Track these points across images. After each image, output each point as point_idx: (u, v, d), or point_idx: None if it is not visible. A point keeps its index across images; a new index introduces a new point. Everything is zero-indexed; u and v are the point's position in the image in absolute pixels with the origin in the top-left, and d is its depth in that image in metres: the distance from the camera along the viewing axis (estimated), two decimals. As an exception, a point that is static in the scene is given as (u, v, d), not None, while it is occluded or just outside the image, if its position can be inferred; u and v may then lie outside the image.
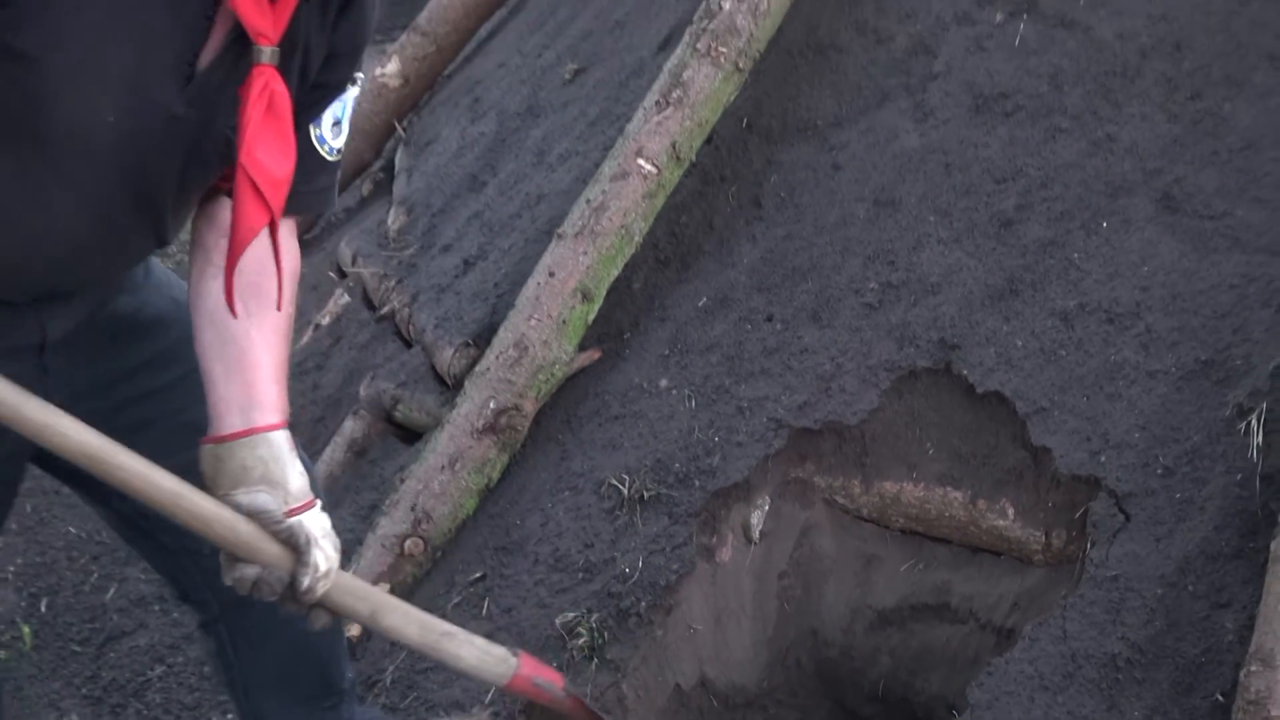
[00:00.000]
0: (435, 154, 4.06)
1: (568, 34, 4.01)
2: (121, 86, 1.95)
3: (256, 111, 2.01)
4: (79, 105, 1.93)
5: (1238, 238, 2.87)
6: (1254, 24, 3.04)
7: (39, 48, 1.85)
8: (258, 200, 2.05)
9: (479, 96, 4.14)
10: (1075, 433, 2.81)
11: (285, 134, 2.07)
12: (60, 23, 1.86)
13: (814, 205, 3.23)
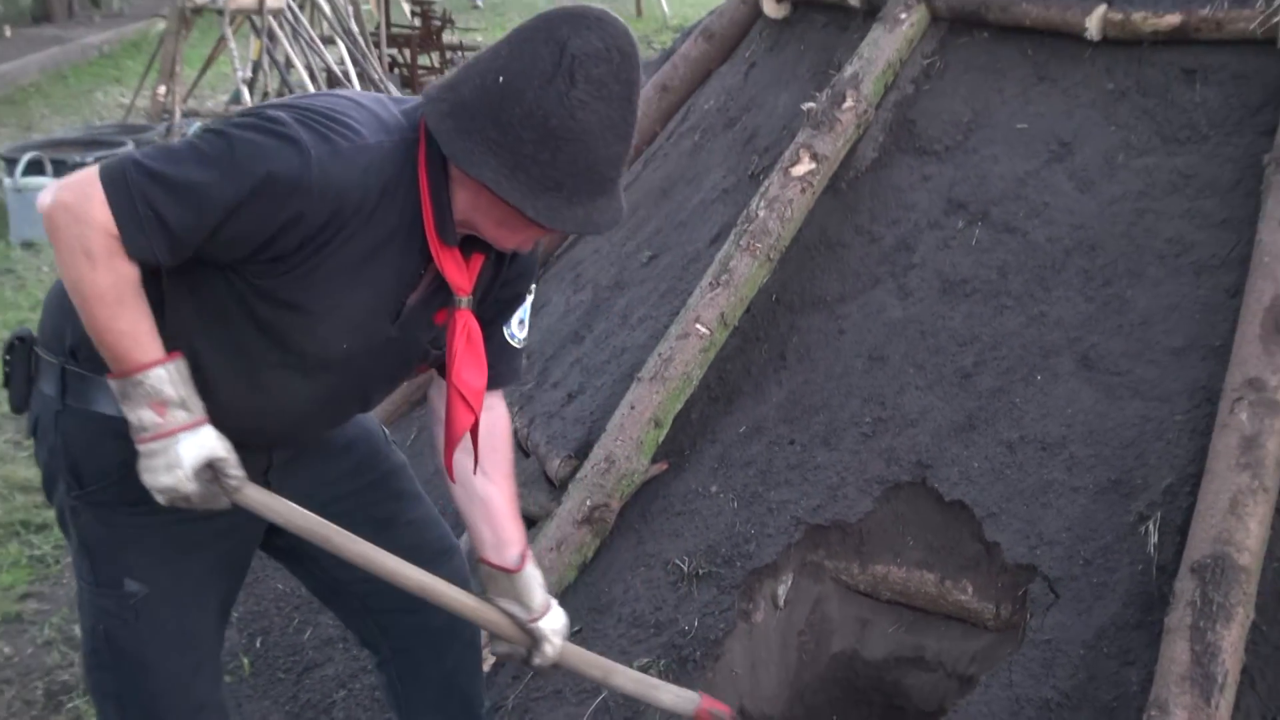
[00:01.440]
0: (547, 314, 4.09)
1: (645, 230, 4.04)
2: (356, 324, 2.07)
3: (460, 344, 2.11)
4: (328, 337, 2.06)
5: (1138, 390, 2.86)
6: (1148, 231, 3.04)
7: (307, 301, 2.00)
8: (465, 408, 2.16)
9: (580, 273, 4.17)
10: (1018, 532, 2.80)
11: (480, 357, 2.16)
12: (323, 285, 1.98)
13: (824, 360, 3.25)
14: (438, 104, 1.95)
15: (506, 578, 2.33)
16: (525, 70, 1.87)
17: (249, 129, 1.89)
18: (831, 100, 3.45)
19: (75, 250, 1.88)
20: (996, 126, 3.34)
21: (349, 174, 1.91)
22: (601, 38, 1.88)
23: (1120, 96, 3.21)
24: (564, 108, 1.86)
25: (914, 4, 3.50)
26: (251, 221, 1.89)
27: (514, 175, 1.88)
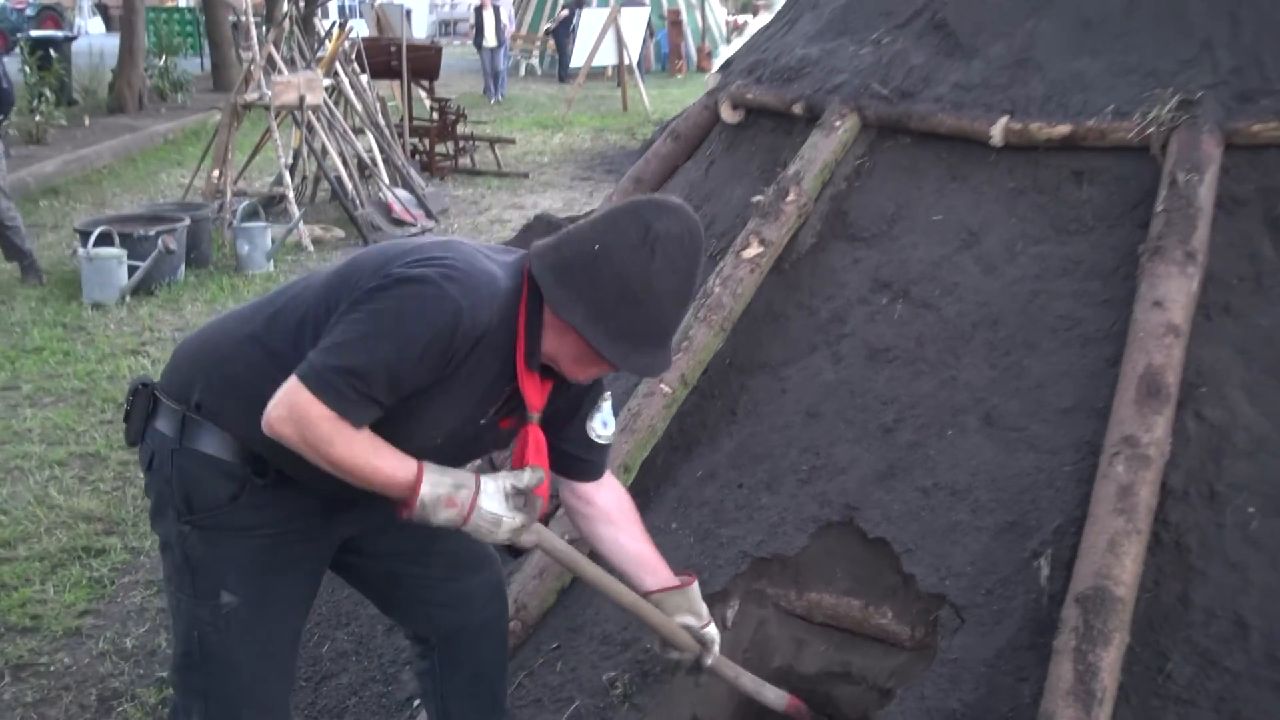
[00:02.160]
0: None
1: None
2: (452, 424, 2.19)
3: (530, 452, 2.22)
4: (429, 432, 2.20)
5: (1032, 444, 2.86)
6: (1042, 309, 3.05)
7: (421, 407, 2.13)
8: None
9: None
10: (930, 565, 2.80)
11: (544, 456, 2.24)
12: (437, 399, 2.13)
13: (769, 415, 3.25)
14: (543, 259, 2.09)
15: (679, 595, 2.46)
16: (617, 242, 2.03)
17: (408, 298, 2.02)
18: (777, 194, 3.47)
19: (315, 445, 2.01)
20: (916, 218, 3.35)
21: (485, 314, 2.05)
22: (679, 224, 2.07)
23: (1020, 194, 3.23)
24: (644, 275, 2.01)
25: (847, 113, 3.53)
26: (426, 367, 2.03)
27: (597, 323, 2.03)
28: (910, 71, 3.48)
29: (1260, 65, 3.02)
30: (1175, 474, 2.66)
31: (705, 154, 4.20)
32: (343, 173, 9.87)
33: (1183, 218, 2.86)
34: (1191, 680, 2.47)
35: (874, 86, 3.51)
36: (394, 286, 2.04)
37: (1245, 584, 2.53)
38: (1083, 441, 2.80)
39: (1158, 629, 2.53)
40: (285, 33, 10.72)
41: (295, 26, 11.18)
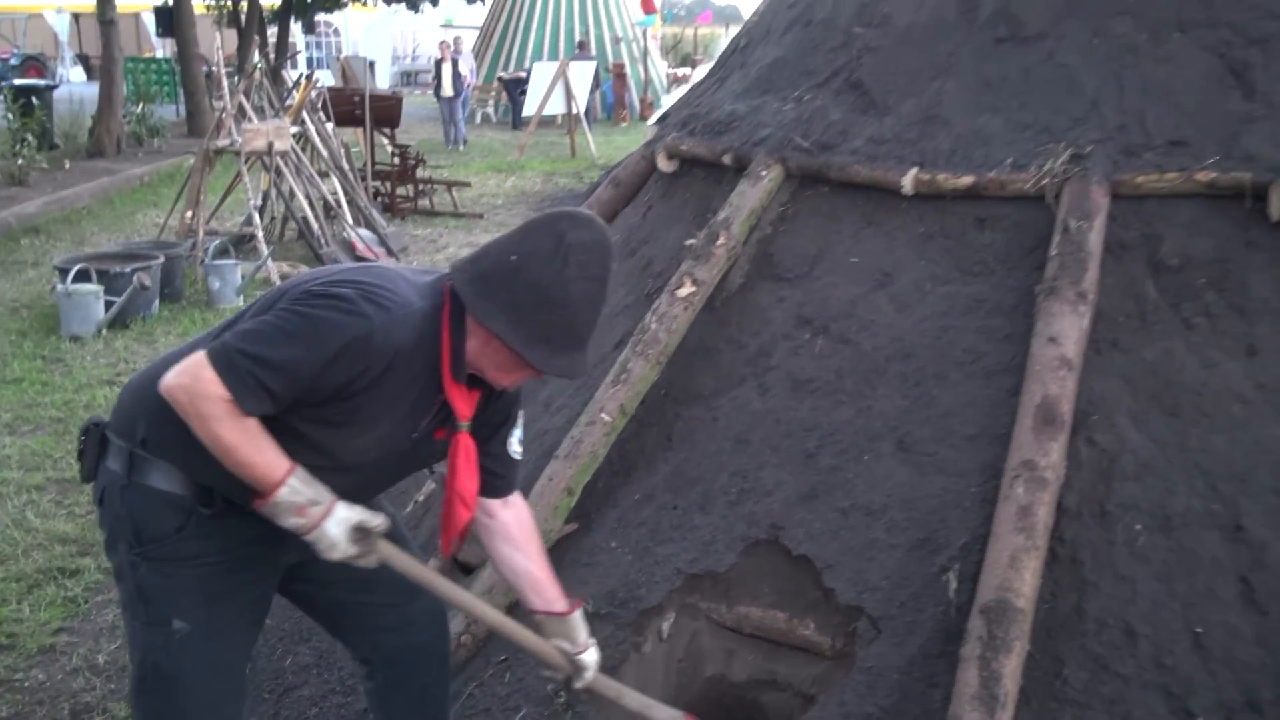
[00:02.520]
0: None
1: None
2: (383, 442, 2.16)
3: (460, 460, 2.22)
4: (360, 451, 2.17)
5: (941, 468, 2.87)
6: (950, 343, 3.07)
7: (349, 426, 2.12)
8: (463, 507, 2.27)
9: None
10: (849, 580, 2.80)
11: (475, 469, 2.26)
12: (363, 415, 2.10)
13: (701, 442, 3.24)
14: (464, 273, 2.09)
15: (559, 620, 2.42)
16: (533, 252, 2.04)
17: (325, 309, 2.01)
18: (708, 238, 3.49)
19: (205, 419, 1.99)
20: (835, 260, 3.37)
21: (399, 333, 2.04)
22: (590, 234, 2.08)
23: (929, 238, 3.25)
24: (560, 282, 2.02)
25: (772, 164, 3.56)
26: (331, 379, 2.01)
27: (517, 329, 2.03)
28: (829, 126, 3.51)
29: (1142, 122, 3.06)
30: (1070, 495, 2.68)
31: (643, 200, 4.22)
32: (309, 214, 9.79)
33: (1074, 261, 2.89)
34: (1086, 685, 2.49)
35: (796, 140, 3.54)
36: (313, 299, 2.03)
37: (1133, 595, 2.56)
38: (986, 465, 2.81)
39: (1055, 637, 2.54)
40: (255, 83, 10.64)
41: (265, 77, 11.10)
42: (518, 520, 2.47)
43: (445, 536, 2.32)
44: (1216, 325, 2.83)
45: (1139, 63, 3.14)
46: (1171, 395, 2.77)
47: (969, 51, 3.39)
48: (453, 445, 2.21)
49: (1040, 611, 2.55)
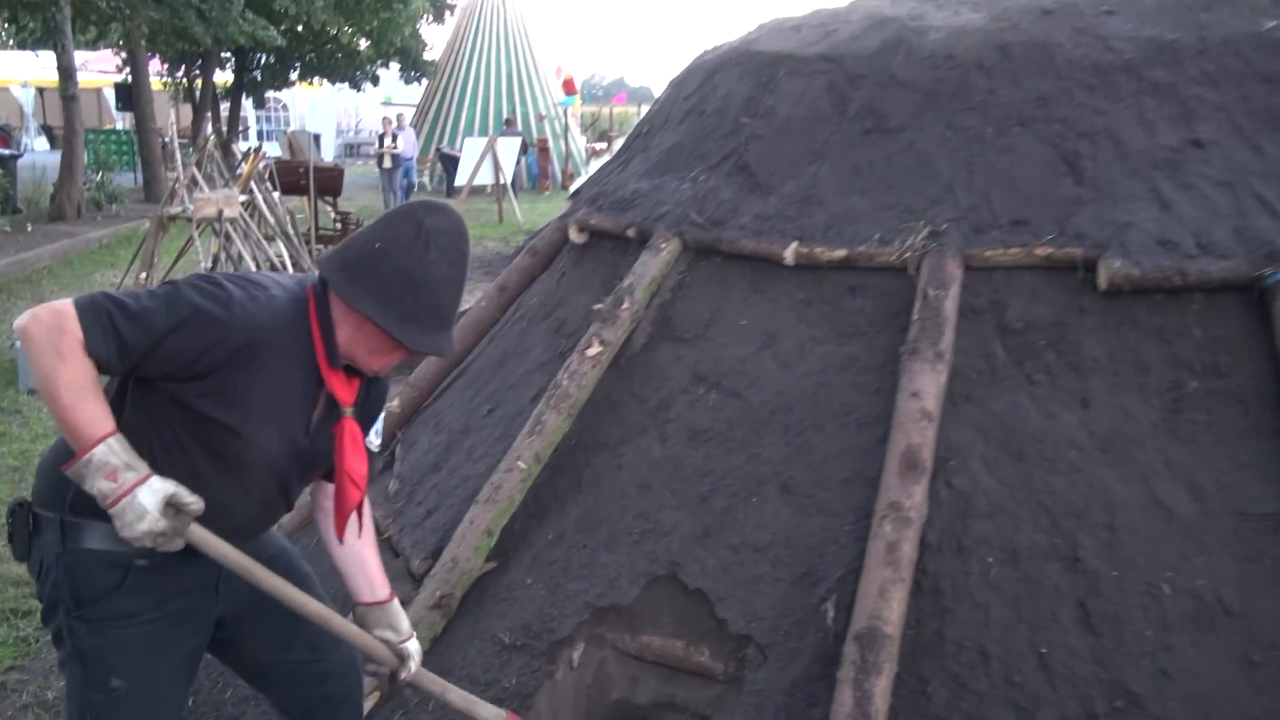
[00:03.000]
0: (416, 450, 4.02)
1: (486, 390, 4.01)
2: (278, 437, 2.08)
3: (348, 442, 2.17)
4: (260, 449, 2.08)
5: (820, 509, 2.90)
6: (827, 397, 3.10)
7: (238, 423, 2.02)
8: (354, 487, 2.21)
9: (439, 421, 4.11)
10: (739, 611, 2.81)
11: (362, 450, 2.21)
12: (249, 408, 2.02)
13: (608, 487, 3.23)
14: (330, 263, 2.08)
15: (380, 609, 2.35)
16: (395, 238, 2.03)
17: (189, 284, 1.99)
18: (614, 302, 3.51)
19: (49, 350, 1.87)
20: (726, 323, 3.39)
21: (259, 315, 2.00)
22: (447, 220, 2.07)
23: (808, 304, 3.29)
24: (421, 264, 2.03)
25: (670, 237, 3.59)
26: (182, 341, 1.93)
27: (386, 310, 2.00)
28: (720, 204, 3.55)
29: (990, 204, 3.14)
30: (931, 532, 2.72)
31: (558, 268, 4.22)
32: (256, 275, 9.64)
33: (933, 325, 2.95)
34: (947, 702, 2.53)
35: (692, 216, 3.58)
36: (184, 284, 2.00)
37: (987, 620, 2.61)
38: (859, 506, 2.83)
39: (919, 660, 2.58)
40: (207, 155, 10.49)
41: (216, 150, 10.95)
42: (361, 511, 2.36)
43: (339, 520, 2.27)
44: (1055, 381, 2.91)
45: (986, 152, 3.23)
46: (1017, 443, 2.83)
47: (841, 140, 3.45)
48: (338, 430, 2.16)
49: (906, 637, 2.58)
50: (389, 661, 2.34)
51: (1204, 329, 2.88)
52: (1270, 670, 2.46)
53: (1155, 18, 3.38)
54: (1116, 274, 2.89)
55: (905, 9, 3.79)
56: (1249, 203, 2.96)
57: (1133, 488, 2.72)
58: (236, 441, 2.05)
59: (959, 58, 3.40)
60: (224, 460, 2.06)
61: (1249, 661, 2.47)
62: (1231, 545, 2.62)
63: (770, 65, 3.77)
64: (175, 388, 2.00)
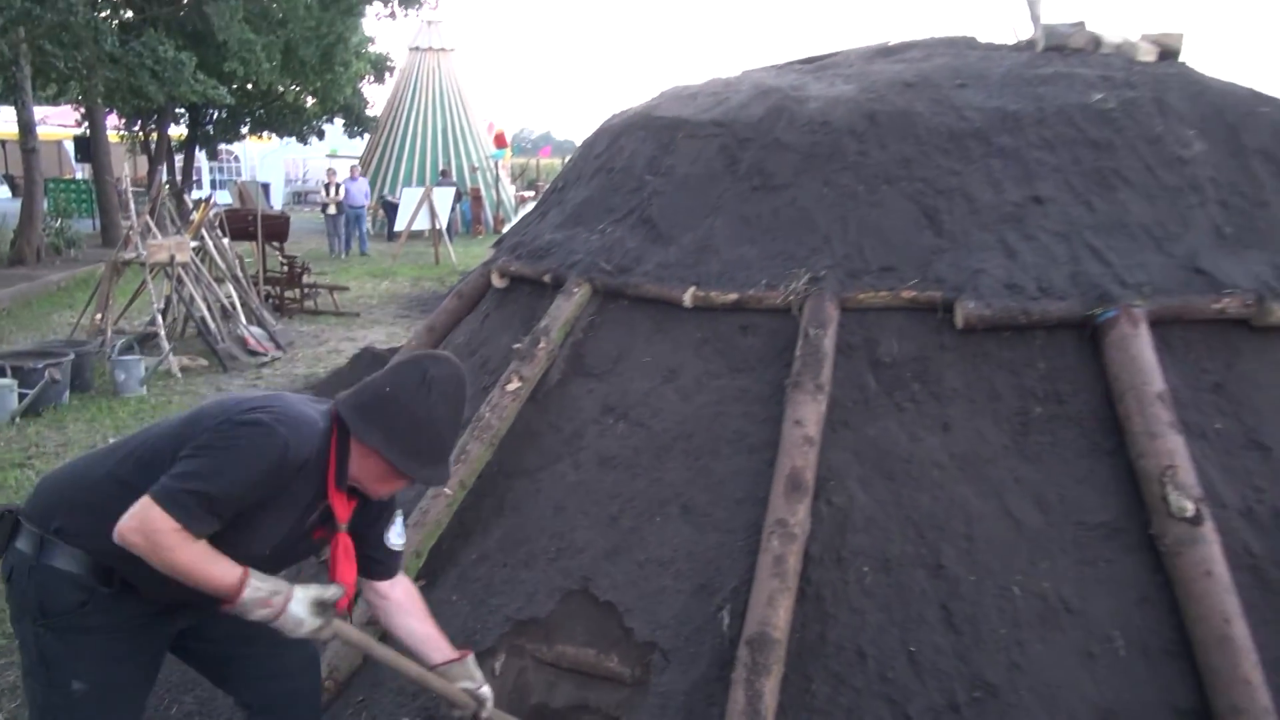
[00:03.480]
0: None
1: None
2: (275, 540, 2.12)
3: (341, 555, 2.23)
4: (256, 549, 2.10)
5: (717, 526, 2.91)
6: (722, 426, 3.11)
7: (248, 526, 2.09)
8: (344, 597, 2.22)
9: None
10: (645, 621, 2.80)
11: (353, 563, 2.26)
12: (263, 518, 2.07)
13: (527, 509, 3.21)
14: (347, 403, 2.15)
15: (459, 665, 2.40)
16: (402, 384, 2.12)
17: (245, 437, 2.00)
18: (532, 342, 3.50)
19: (159, 551, 1.95)
20: (632, 359, 3.41)
21: (306, 448, 2.06)
22: (449, 369, 2.15)
23: (704, 342, 3.31)
24: (425, 407, 2.10)
25: (582, 283, 3.60)
26: (259, 492, 2.01)
27: (393, 446, 2.08)
28: (626, 253, 3.58)
29: (862, 252, 3.21)
30: (814, 545, 2.75)
31: (482, 310, 4.21)
32: (206, 315, 9.42)
33: (814, 360, 3.00)
34: (829, 698, 2.55)
35: (601, 263, 3.60)
36: (234, 429, 2.02)
37: (863, 624, 2.64)
38: (751, 523, 2.85)
39: (804, 660, 2.60)
40: (160, 203, 10.24)
41: (169, 199, 10.70)
42: (407, 594, 2.47)
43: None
44: (920, 408, 2.98)
45: (858, 207, 3.30)
46: (888, 463, 2.89)
47: (732, 197, 3.50)
48: (333, 543, 2.21)
49: (793, 640, 2.61)
50: (469, 706, 2.41)
51: (1046, 361, 2.98)
52: (1105, 660, 2.54)
53: (1000, 90, 3.51)
54: (971, 314, 2.98)
55: (787, 80, 3.88)
56: (1082, 251, 3.08)
57: (987, 502, 2.80)
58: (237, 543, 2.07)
59: (834, 124, 3.48)
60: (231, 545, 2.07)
61: (1088, 653, 2.55)
62: (1072, 551, 2.70)
63: (670, 129, 3.82)
64: None
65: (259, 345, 9.63)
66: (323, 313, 12.30)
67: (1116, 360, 2.86)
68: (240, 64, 16.35)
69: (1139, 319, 2.90)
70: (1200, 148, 3.30)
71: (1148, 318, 2.91)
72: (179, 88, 14.51)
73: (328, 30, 18.06)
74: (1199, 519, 2.59)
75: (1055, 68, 3.64)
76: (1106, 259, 3.05)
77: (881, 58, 4.13)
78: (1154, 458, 2.70)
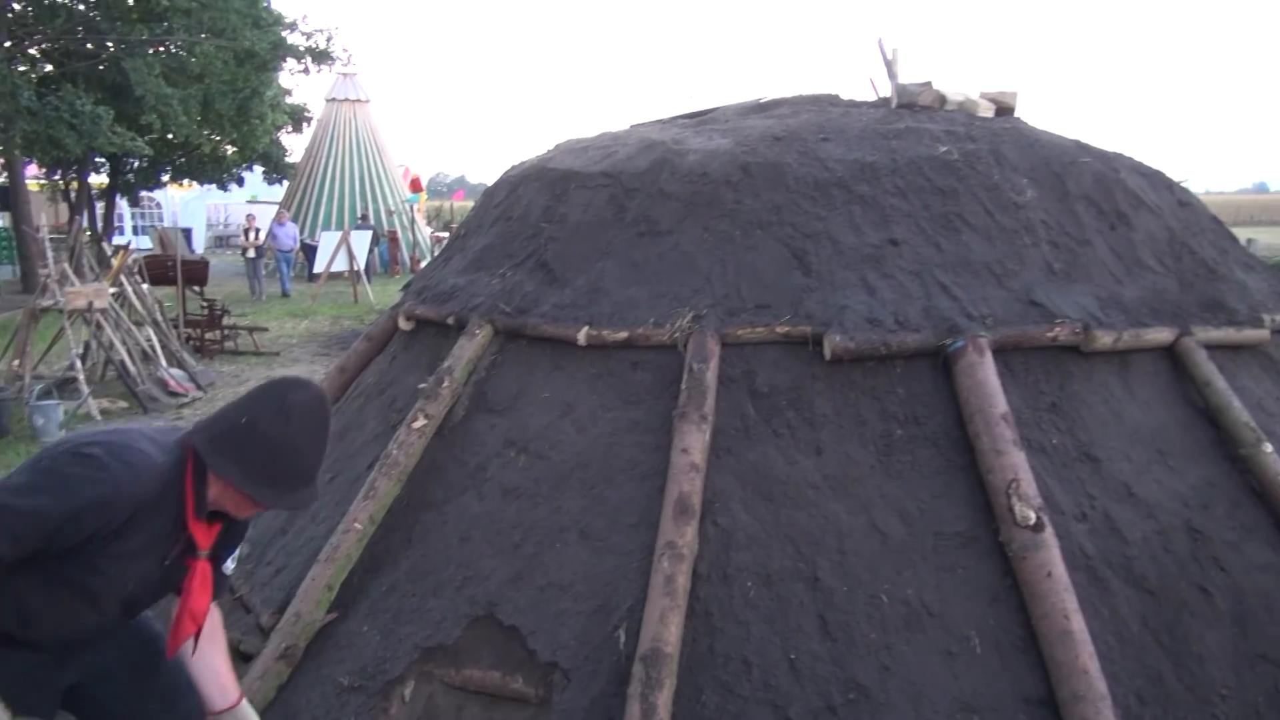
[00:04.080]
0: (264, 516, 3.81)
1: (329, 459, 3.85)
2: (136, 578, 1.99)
3: (197, 583, 2.09)
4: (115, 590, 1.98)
5: (613, 549, 2.89)
6: (616, 455, 3.09)
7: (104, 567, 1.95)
8: (191, 623, 2.12)
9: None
10: (547, 642, 2.77)
11: (209, 591, 2.16)
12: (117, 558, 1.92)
13: (434, 541, 3.15)
14: (202, 433, 2.02)
15: (230, 715, 2.28)
16: (260, 413, 1.98)
17: (74, 465, 1.86)
18: (436, 381, 3.45)
19: None
20: (532, 395, 3.38)
21: (141, 487, 1.90)
22: (308, 394, 2.02)
23: (598, 377, 3.31)
24: (285, 435, 1.96)
25: (483, 324, 3.56)
26: (74, 530, 1.84)
27: (249, 478, 1.96)
28: (525, 296, 3.56)
29: (739, 292, 3.25)
30: (702, 564, 2.76)
31: (390, 351, 4.13)
32: (126, 359, 9.04)
33: (698, 392, 3.02)
34: (718, 706, 2.55)
35: (501, 306, 3.57)
36: (67, 459, 1.89)
37: (748, 635, 2.66)
38: (644, 546, 2.84)
39: (695, 672, 2.60)
40: (79, 251, 9.80)
41: (87, 246, 10.25)
42: (214, 622, 2.33)
43: (172, 643, 2.16)
44: (795, 434, 3.02)
45: (735, 250, 3.35)
46: (767, 486, 2.92)
47: (621, 242, 3.52)
48: (190, 570, 2.08)
49: (684, 654, 2.61)
50: None
51: (905, 388, 3.06)
52: (964, 659, 2.61)
53: (859, 143, 3.61)
54: (838, 346, 3.04)
55: (670, 135, 3.93)
56: (933, 288, 3.18)
57: (856, 517, 2.85)
58: (96, 585, 1.96)
59: (711, 175, 3.53)
60: (81, 593, 1.96)
61: (948, 652, 2.61)
62: (932, 559, 2.77)
63: (563, 180, 3.82)
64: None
65: (179, 386, 9.29)
66: (243, 353, 11.93)
67: (965, 385, 2.95)
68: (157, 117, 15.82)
69: (984, 348, 3.00)
70: (1032, 194, 3.45)
71: (991, 346, 3.02)
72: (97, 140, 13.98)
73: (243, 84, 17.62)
74: (1040, 526, 2.68)
75: (906, 123, 3.77)
76: (954, 294, 3.16)
77: (754, 113, 4.22)
78: (1000, 472, 2.79)
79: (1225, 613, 2.82)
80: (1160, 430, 3.15)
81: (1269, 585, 2.87)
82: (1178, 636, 2.73)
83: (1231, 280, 3.62)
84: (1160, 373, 3.28)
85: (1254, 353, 3.53)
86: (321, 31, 19.86)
